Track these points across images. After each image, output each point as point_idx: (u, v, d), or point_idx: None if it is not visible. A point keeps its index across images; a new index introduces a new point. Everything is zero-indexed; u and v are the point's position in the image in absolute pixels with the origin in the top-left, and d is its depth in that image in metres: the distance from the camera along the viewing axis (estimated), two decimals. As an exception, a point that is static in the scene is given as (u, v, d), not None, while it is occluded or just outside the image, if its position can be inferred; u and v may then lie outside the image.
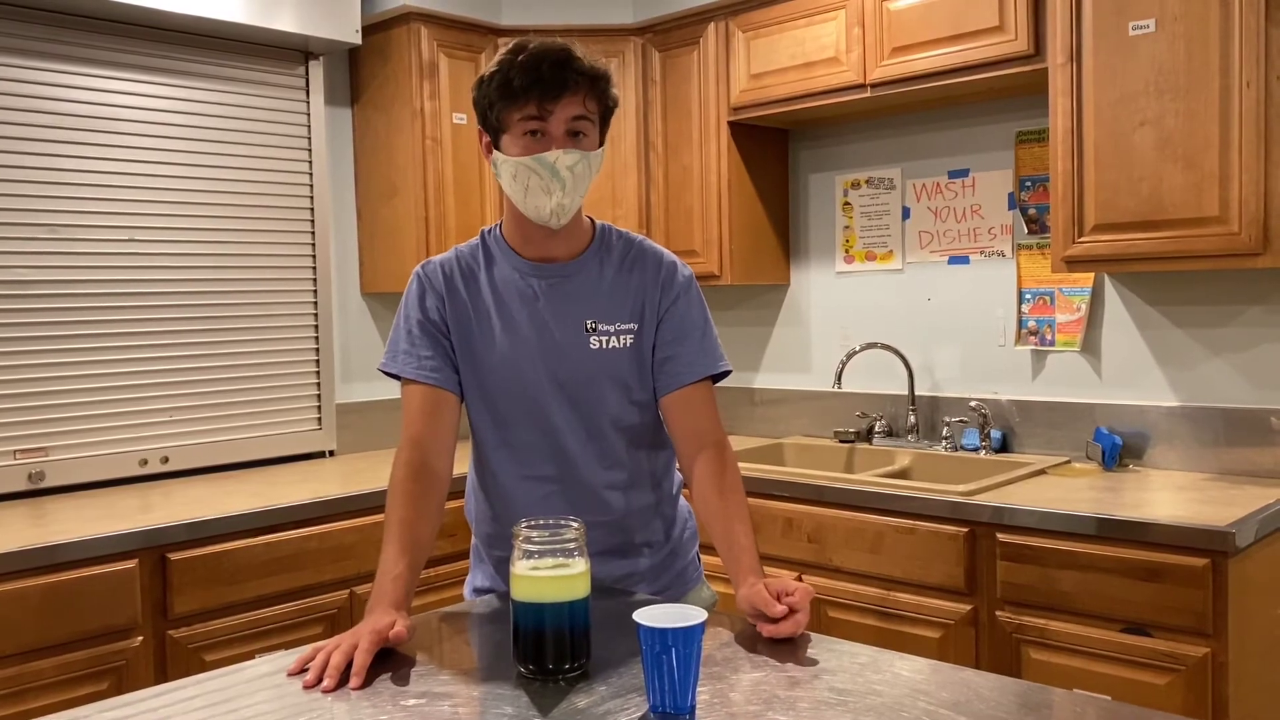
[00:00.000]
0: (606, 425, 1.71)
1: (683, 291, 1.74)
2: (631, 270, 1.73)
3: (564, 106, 1.57)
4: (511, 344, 1.68)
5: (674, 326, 1.72)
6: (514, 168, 1.60)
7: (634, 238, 1.78)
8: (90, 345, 2.89)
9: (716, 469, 1.68)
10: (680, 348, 1.72)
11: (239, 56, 3.17)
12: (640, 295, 1.72)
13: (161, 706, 1.28)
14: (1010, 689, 1.28)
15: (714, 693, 1.27)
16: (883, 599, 2.55)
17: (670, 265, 1.75)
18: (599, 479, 1.71)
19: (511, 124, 1.59)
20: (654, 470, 1.79)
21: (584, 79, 1.58)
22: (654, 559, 1.79)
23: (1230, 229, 2.30)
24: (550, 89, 1.55)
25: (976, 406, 3.01)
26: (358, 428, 3.47)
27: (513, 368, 1.68)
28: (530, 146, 1.59)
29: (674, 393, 1.71)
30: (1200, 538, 2.09)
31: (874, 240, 3.36)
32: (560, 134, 1.58)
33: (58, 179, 2.82)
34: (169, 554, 2.41)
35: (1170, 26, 2.35)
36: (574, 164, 1.59)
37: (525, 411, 1.69)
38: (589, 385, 1.69)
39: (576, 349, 1.68)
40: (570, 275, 1.70)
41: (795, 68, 3.08)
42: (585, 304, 1.69)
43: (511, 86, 1.56)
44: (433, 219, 3.30)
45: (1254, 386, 2.62)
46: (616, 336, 1.69)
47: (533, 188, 1.60)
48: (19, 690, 2.17)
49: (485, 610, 1.66)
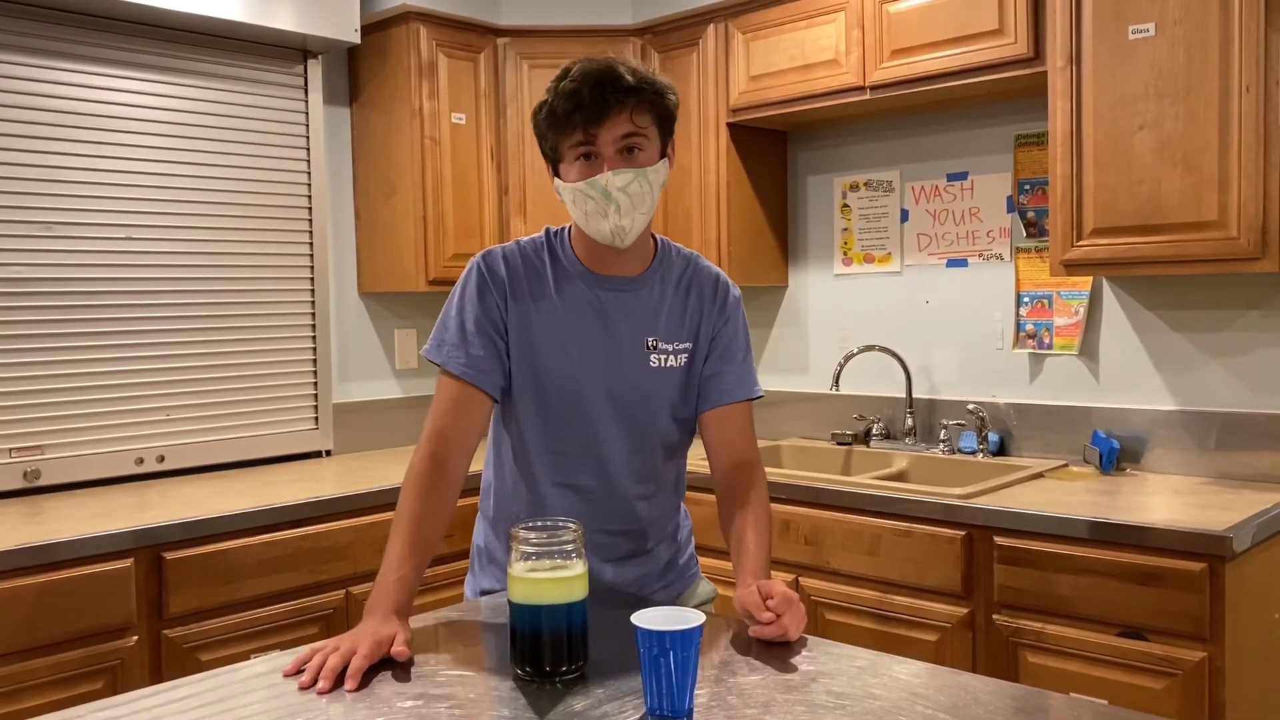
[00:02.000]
0: (654, 442, 1.73)
1: (733, 313, 1.77)
2: (689, 289, 1.74)
3: (609, 127, 1.55)
4: (573, 353, 1.67)
5: (722, 346, 1.74)
6: (572, 194, 1.60)
7: (690, 255, 1.79)
8: (86, 343, 2.88)
9: (747, 482, 1.71)
10: (725, 366, 1.74)
11: (237, 55, 3.17)
12: (697, 315, 1.73)
13: (157, 706, 1.27)
14: (1007, 693, 1.28)
15: (711, 695, 1.26)
16: (880, 602, 2.55)
17: (724, 286, 1.77)
18: (632, 491, 1.73)
19: (564, 151, 1.60)
20: (676, 479, 1.83)
21: (628, 95, 1.55)
22: (665, 558, 1.83)
23: (1229, 233, 2.30)
24: (592, 112, 1.54)
25: (974, 409, 3.01)
26: (354, 427, 3.46)
27: (571, 377, 1.67)
28: (584, 171, 1.58)
29: (714, 410, 1.73)
30: (1197, 542, 2.09)
31: (872, 242, 3.36)
32: (611, 154, 1.56)
33: (54, 176, 2.82)
34: (164, 553, 2.40)
35: (1170, 30, 2.36)
36: (626, 184, 1.57)
37: (574, 421, 1.69)
38: (643, 402, 1.70)
39: (637, 365, 1.68)
40: (635, 290, 1.70)
41: (794, 69, 3.08)
42: (648, 321, 1.70)
43: (557, 115, 1.56)
44: (431, 219, 3.30)
45: (1252, 391, 2.62)
46: (674, 355, 1.71)
47: (591, 212, 1.59)
48: (13, 690, 2.17)
49: (483, 611, 1.66)
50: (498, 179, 3.47)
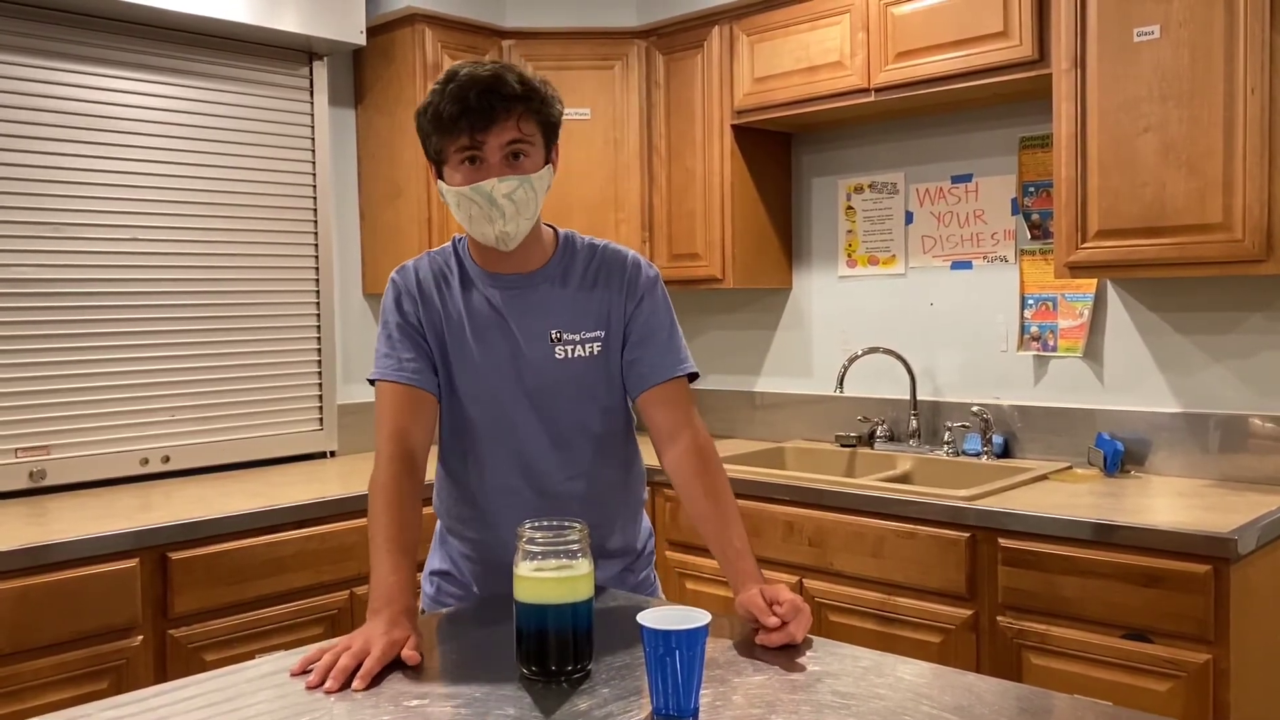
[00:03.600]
0: (572, 433, 1.72)
1: (647, 292, 1.74)
2: (596, 278, 1.73)
3: (496, 134, 1.56)
4: (480, 353, 1.69)
5: (640, 329, 1.72)
6: (456, 197, 1.61)
7: (598, 244, 1.77)
8: (92, 344, 2.88)
9: (698, 468, 1.66)
10: (645, 350, 1.72)
11: (243, 56, 3.17)
12: (606, 303, 1.72)
13: (163, 705, 1.27)
14: (1012, 693, 1.28)
15: (716, 695, 1.27)
16: (883, 603, 2.55)
17: (635, 267, 1.75)
18: (563, 488, 1.71)
19: (449, 154, 1.60)
20: (620, 482, 1.80)
21: (515, 102, 1.56)
22: (613, 571, 1.80)
23: (1233, 235, 2.30)
24: (479, 118, 1.54)
25: (978, 411, 3.01)
26: (359, 428, 3.47)
27: (482, 377, 1.69)
28: (469, 175, 1.59)
29: (645, 393, 1.71)
30: (1202, 544, 2.09)
31: (876, 244, 3.36)
32: (497, 161, 1.57)
33: (61, 177, 2.82)
34: (169, 553, 2.40)
35: (1175, 33, 2.36)
36: (512, 191, 1.58)
37: (493, 420, 1.70)
38: (555, 395, 1.70)
39: (542, 359, 1.69)
40: (533, 286, 1.70)
41: (799, 71, 3.09)
42: (549, 315, 1.70)
43: (442, 118, 1.56)
44: (435, 221, 3.30)
45: (1256, 393, 2.62)
46: (583, 345, 1.70)
47: (476, 216, 1.60)
48: (18, 689, 2.17)
49: (488, 610, 1.66)
50: (502, 181, 3.47)
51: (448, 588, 1.81)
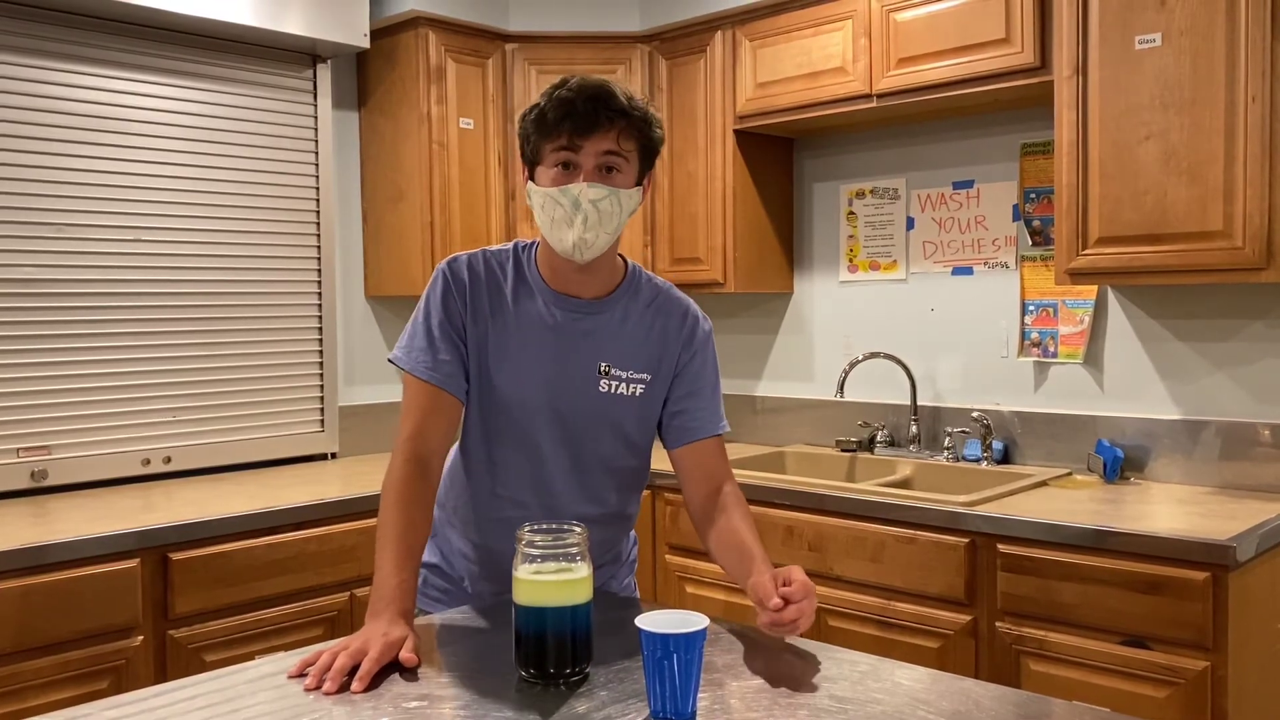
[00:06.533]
0: (596, 465, 1.72)
1: (701, 347, 1.76)
2: (655, 319, 1.73)
3: (595, 141, 1.56)
4: (521, 366, 1.67)
5: (689, 381, 1.73)
6: (542, 198, 1.60)
7: (661, 284, 1.77)
8: (94, 344, 2.89)
9: (730, 505, 1.71)
10: (693, 403, 1.73)
11: (247, 59, 3.18)
12: (661, 346, 1.72)
13: (163, 705, 1.28)
14: (1010, 699, 1.29)
15: (714, 699, 1.27)
16: (883, 608, 2.55)
17: (694, 319, 1.76)
18: (570, 512, 1.70)
19: (545, 156, 1.60)
20: (628, 508, 1.81)
21: (619, 116, 1.56)
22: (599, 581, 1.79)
23: (1234, 243, 2.31)
24: (582, 123, 1.55)
25: (979, 417, 3.01)
26: (360, 430, 3.47)
27: (517, 389, 1.67)
28: (559, 179, 1.58)
29: (687, 445, 1.73)
30: (1201, 551, 2.09)
31: (878, 250, 3.36)
32: (590, 168, 1.57)
33: (64, 178, 2.83)
34: (170, 554, 2.41)
35: (1176, 40, 2.36)
36: (599, 199, 1.57)
37: (520, 431, 1.69)
38: (589, 425, 1.69)
39: (584, 388, 1.68)
40: (595, 313, 1.69)
41: (801, 77, 3.09)
42: (603, 345, 1.69)
43: (546, 119, 1.57)
44: (438, 224, 3.31)
45: (1256, 401, 2.62)
46: (627, 384, 1.70)
47: (557, 219, 1.59)
48: (18, 688, 2.18)
49: (487, 613, 1.67)
50: (505, 184, 3.48)
51: (435, 580, 1.81)
